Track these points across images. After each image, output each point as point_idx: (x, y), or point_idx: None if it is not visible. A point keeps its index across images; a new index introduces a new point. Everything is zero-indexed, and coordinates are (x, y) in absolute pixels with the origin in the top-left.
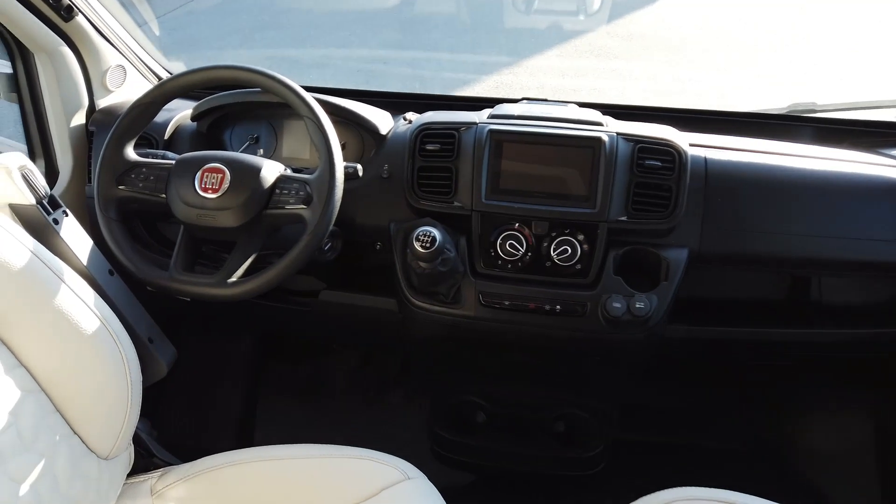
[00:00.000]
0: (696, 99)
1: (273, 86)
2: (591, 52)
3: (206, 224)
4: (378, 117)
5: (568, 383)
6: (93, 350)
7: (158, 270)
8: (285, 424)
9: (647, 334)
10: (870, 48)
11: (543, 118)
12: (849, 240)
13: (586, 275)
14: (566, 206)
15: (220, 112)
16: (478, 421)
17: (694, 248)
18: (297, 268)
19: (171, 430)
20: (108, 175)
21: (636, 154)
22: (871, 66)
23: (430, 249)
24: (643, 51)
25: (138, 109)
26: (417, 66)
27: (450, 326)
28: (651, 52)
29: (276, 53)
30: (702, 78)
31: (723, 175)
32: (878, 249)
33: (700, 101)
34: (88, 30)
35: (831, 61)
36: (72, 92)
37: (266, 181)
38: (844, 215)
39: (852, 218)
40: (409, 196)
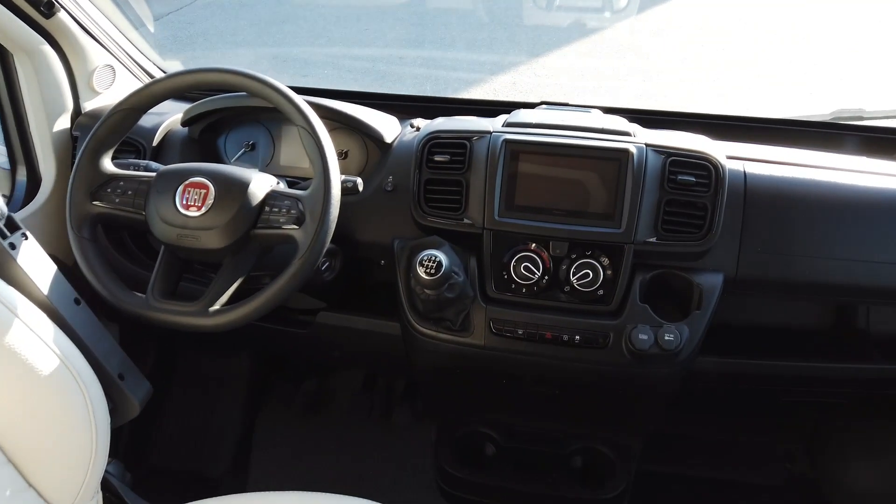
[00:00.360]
0: (727, 104)
1: (263, 90)
2: (617, 51)
3: (188, 245)
4: (383, 123)
5: (586, 415)
6: (50, 392)
7: (134, 296)
8: (284, 447)
9: (675, 369)
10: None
11: (564, 126)
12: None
13: (609, 302)
14: (588, 225)
15: (212, 117)
16: (487, 454)
17: (730, 273)
18: (288, 295)
19: (163, 453)
20: (82, 189)
21: (668, 168)
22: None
23: (436, 276)
24: (675, 50)
25: (117, 116)
26: (430, 65)
27: (457, 356)
28: (685, 51)
29: (285, 52)
30: (744, 83)
31: (764, 192)
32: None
33: (734, 107)
34: (72, 27)
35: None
36: (55, 94)
37: (255, 197)
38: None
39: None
40: (415, 212)
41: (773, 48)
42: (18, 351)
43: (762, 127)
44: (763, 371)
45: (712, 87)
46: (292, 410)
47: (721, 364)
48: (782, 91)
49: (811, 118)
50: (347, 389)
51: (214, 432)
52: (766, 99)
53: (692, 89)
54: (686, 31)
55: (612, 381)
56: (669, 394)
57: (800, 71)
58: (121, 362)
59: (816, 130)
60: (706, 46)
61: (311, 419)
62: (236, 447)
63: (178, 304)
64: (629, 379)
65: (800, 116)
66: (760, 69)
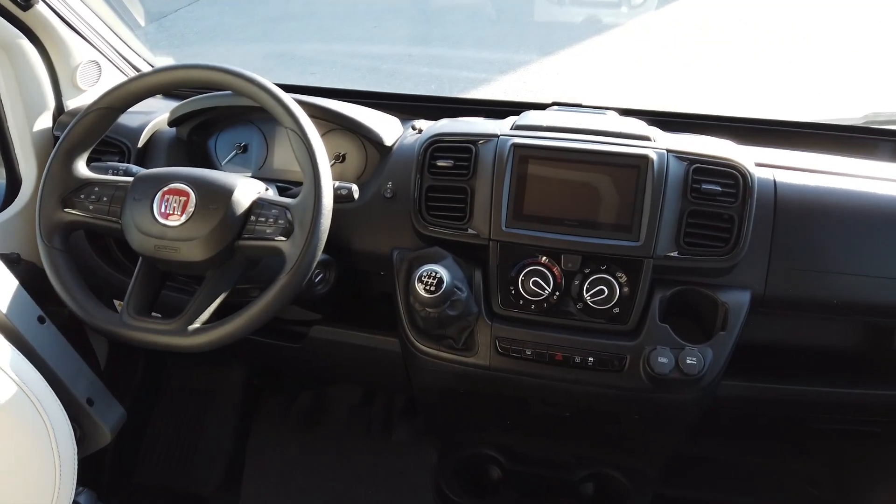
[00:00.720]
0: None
1: (249, 89)
2: (634, 49)
3: (167, 257)
4: (383, 125)
5: (599, 440)
6: (6, 421)
7: (107, 313)
8: (278, 463)
9: (697, 395)
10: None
11: (577, 130)
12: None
13: (626, 321)
14: (603, 237)
15: (201, 117)
16: (491, 478)
17: (758, 290)
18: (274, 313)
19: (151, 470)
20: (54, 196)
21: (691, 176)
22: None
23: (436, 294)
24: (697, 47)
25: (92, 116)
26: (437, 63)
27: (460, 376)
28: (709, 49)
29: (291, 50)
30: (774, 84)
31: (796, 202)
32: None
33: (762, 110)
34: (52, 20)
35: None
36: (34, 91)
37: (239, 205)
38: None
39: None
40: (416, 220)
41: (804, 46)
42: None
43: (792, 131)
44: (791, 397)
45: (739, 88)
46: (287, 425)
47: (746, 388)
48: (816, 93)
49: (842, 122)
50: (345, 403)
51: (205, 448)
52: (798, 101)
53: (717, 90)
54: (708, 28)
55: (628, 406)
56: (690, 420)
57: (835, 74)
58: (89, 386)
59: (849, 135)
60: (732, 44)
61: (306, 434)
62: (228, 464)
63: (155, 323)
64: (647, 405)
65: (830, 120)
66: (792, 69)
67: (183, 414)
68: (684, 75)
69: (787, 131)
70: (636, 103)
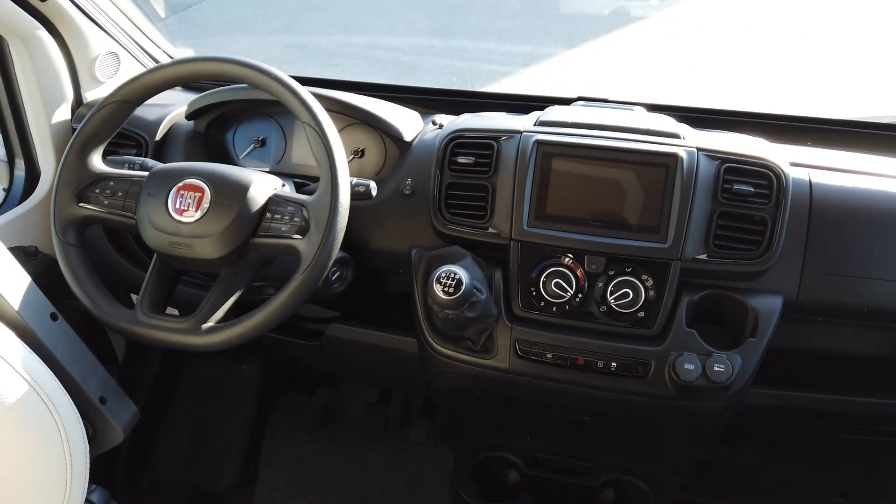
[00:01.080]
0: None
1: (266, 82)
2: (664, 41)
3: (181, 254)
4: (403, 120)
5: (621, 447)
6: (16, 419)
7: (121, 310)
8: (292, 462)
9: (724, 403)
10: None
11: (603, 126)
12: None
13: (651, 325)
14: (629, 238)
15: (218, 110)
16: (508, 482)
17: (790, 296)
18: (289, 313)
19: (166, 466)
20: (68, 190)
21: (722, 176)
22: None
23: (454, 296)
24: (733, 41)
25: (107, 109)
26: (459, 56)
27: (478, 379)
28: (746, 42)
29: (312, 42)
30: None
31: (832, 204)
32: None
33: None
34: (71, 11)
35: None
36: (53, 83)
37: (255, 202)
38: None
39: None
40: (435, 218)
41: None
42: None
43: (829, 129)
44: (822, 406)
45: (776, 83)
46: (302, 423)
47: (775, 397)
48: (852, 91)
49: (882, 119)
50: (361, 402)
51: (220, 445)
52: (837, 99)
53: (751, 84)
54: (747, 20)
55: (652, 413)
56: (716, 429)
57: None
58: (102, 384)
59: (890, 134)
60: (771, 37)
61: (321, 433)
62: (243, 461)
63: (169, 321)
64: (671, 412)
65: (870, 118)
66: (831, 65)
67: (198, 410)
68: (714, 70)
69: (824, 129)
70: (665, 98)
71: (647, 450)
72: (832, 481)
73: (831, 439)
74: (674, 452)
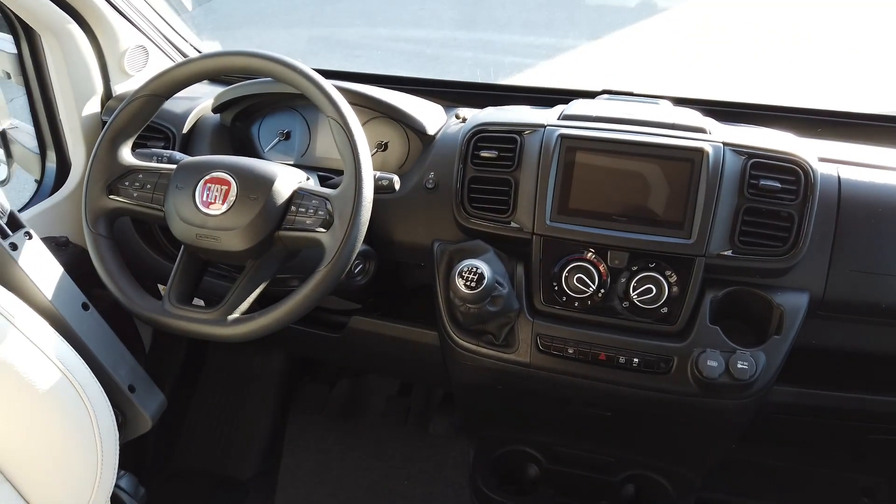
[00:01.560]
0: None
1: (291, 76)
2: (692, 34)
3: (208, 246)
4: (426, 113)
5: (642, 443)
6: (50, 407)
7: (150, 301)
8: (315, 452)
9: (748, 401)
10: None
11: (628, 120)
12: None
13: (674, 321)
14: (653, 233)
15: (244, 103)
16: (529, 476)
17: (816, 293)
18: (313, 305)
19: (192, 453)
20: (99, 182)
21: (748, 171)
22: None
23: (476, 290)
24: (761, 33)
25: (137, 103)
26: (483, 48)
27: (499, 373)
28: (776, 34)
29: (336, 35)
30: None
31: (861, 200)
32: None
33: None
34: (101, 5)
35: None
36: (83, 76)
37: (280, 195)
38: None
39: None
40: (458, 212)
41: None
42: (14, 363)
43: (859, 123)
44: (848, 405)
45: (807, 78)
46: (324, 413)
47: (799, 395)
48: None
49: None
50: (382, 394)
51: (244, 434)
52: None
53: (781, 78)
54: (777, 16)
55: (674, 410)
56: (739, 427)
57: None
58: (131, 372)
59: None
60: (806, 29)
61: (343, 424)
62: (266, 450)
63: (196, 312)
64: (694, 409)
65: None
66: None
67: (222, 399)
68: (743, 63)
69: (854, 123)
70: (691, 92)
71: (668, 446)
72: (858, 481)
73: (857, 439)
74: (695, 449)
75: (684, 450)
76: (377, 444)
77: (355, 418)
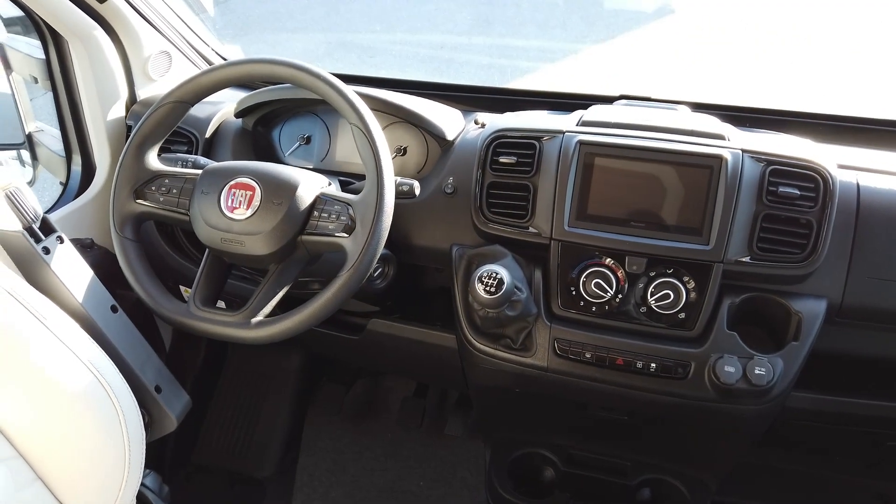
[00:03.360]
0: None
1: (315, 84)
2: (710, 39)
3: (232, 250)
4: (445, 119)
5: (658, 447)
6: (81, 407)
7: (175, 303)
8: (331, 451)
9: (765, 407)
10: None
11: (646, 127)
12: None
13: (692, 327)
14: (671, 239)
15: (265, 108)
16: (544, 479)
17: (835, 299)
18: (334, 309)
19: (211, 451)
20: (126, 187)
21: (767, 178)
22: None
23: (496, 295)
24: (780, 38)
25: (163, 109)
26: (498, 53)
27: (516, 376)
28: (793, 39)
29: (350, 39)
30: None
31: (880, 208)
32: None
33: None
34: (126, 12)
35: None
36: (109, 81)
37: (303, 201)
38: None
39: None
40: (476, 217)
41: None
42: (47, 364)
43: (879, 129)
44: (865, 412)
45: (822, 83)
46: (342, 413)
47: (817, 401)
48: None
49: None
50: (399, 394)
51: (262, 433)
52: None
53: (798, 83)
54: (792, 17)
55: (691, 415)
56: (756, 432)
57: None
58: (157, 373)
59: None
60: (822, 34)
61: (360, 424)
62: (283, 449)
63: (220, 314)
64: (711, 414)
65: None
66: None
67: (241, 399)
68: (759, 68)
69: (874, 129)
70: (709, 97)
71: (684, 450)
72: (874, 488)
73: (873, 445)
74: (712, 454)
75: (700, 454)
76: (393, 444)
77: (371, 419)
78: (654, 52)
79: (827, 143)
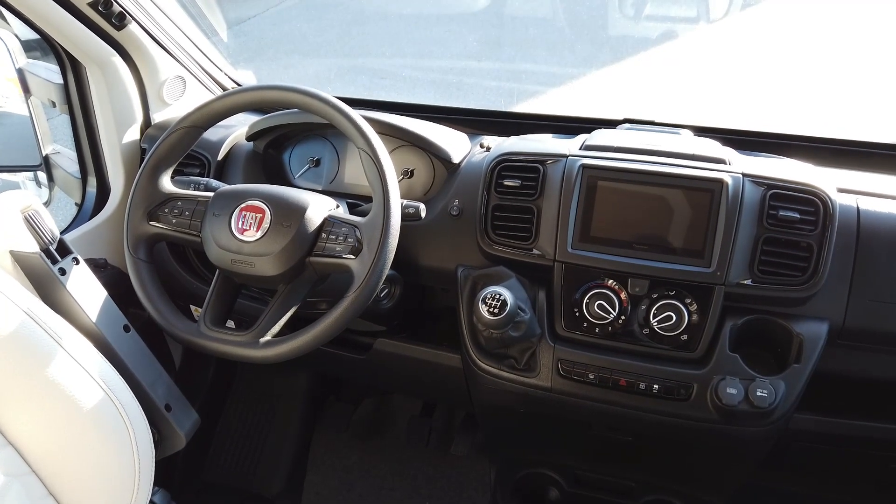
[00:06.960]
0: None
1: (324, 110)
2: (712, 65)
3: (242, 271)
4: (451, 142)
5: (662, 468)
6: (93, 424)
7: (186, 323)
8: (339, 470)
9: (767, 428)
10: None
11: (649, 151)
12: None
13: (694, 349)
14: (673, 262)
15: (276, 132)
16: (550, 498)
17: (836, 322)
18: (342, 328)
19: (219, 470)
20: (140, 209)
21: (767, 201)
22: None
23: (499, 316)
24: (778, 64)
25: (177, 134)
26: (505, 77)
27: (521, 397)
28: (791, 66)
29: (361, 63)
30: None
31: (880, 231)
32: None
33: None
34: (143, 38)
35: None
36: (125, 106)
37: (311, 223)
38: None
39: None
40: (481, 239)
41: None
42: (61, 382)
43: (878, 153)
44: (868, 434)
45: (825, 108)
46: (348, 432)
47: (819, 423)
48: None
49: None
50: (405, 414)
51: (270, 451)
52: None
53: (799, 110)
54: (793, 44)
55: (694, 436)
56: (759, 454)
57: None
58: (167, 392)
59: None
60: (817, 61)
61: (367, 442)
62: (291, 468)
63: (230, 334)
64: (713, 436)
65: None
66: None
67: (250, 417)
68: (762, 92)
69: (873, 153)
70: (711, 121)
71: (688, 471)
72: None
73: (879, 468)
74: (716, 475)
75: (705, 475)
76: (400, 463)
77: (378, 437)
78: (658, 75)
79: (827, 166)
